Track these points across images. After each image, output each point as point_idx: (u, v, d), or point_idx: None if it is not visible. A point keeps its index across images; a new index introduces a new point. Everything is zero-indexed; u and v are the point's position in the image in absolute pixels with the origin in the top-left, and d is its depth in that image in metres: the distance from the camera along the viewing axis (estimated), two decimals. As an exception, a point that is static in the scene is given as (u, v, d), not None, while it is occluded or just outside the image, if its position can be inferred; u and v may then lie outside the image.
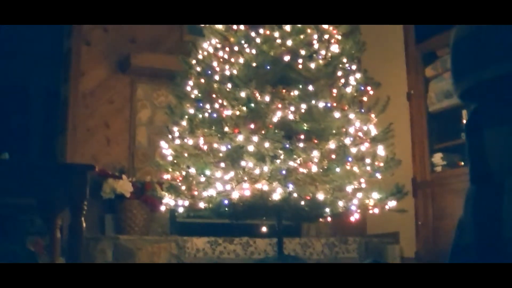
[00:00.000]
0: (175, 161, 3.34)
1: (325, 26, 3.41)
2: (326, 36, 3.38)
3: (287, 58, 3.23)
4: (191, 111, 3.34)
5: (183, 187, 3.27)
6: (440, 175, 4.40)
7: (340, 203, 3.16)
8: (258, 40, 3.26)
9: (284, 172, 3.01)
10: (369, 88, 3.38)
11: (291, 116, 3.12)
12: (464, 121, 3.63)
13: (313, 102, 3.14)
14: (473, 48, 1.11)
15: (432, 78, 4.52)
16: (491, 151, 1.08)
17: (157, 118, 4.63)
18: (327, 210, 3.21)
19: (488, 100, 1.10)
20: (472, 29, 1.12)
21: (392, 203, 3.26)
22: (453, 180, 4.13)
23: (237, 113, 3.16)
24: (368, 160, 3.26)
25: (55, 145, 4.69)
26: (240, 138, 3.06)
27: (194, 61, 3.49)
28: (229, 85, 3.20)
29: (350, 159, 3.14)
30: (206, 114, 3.27)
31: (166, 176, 3.38)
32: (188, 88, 3.43)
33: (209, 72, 3.37)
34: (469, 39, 1.12)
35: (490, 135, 1.09)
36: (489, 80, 1.07)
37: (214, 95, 3.29)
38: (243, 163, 3.05)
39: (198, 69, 3.46)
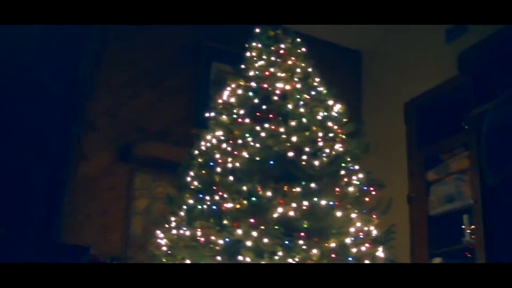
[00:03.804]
0: (169, 252, 3.27)
1: (330, 125, 3.43)
2: (331, 135, 3.40)
3: (291, 154, 3.23)
4: (191, 202, 3.30)
5: (177, 279, 3.19)
6: (440, 281, 4.31)
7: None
8: (263, 135, 3.27)
9: (282, 269, 2.94)
10: (371, 189, 3.36)
11: (292, 213, 3.08)
12: (463, 226, 3.56)
13: (316, 199, 3.12)
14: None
15: (434, 182, 4.51)
16: None
17: (154, 209, 4.58)
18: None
19: None
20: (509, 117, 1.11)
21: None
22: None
23: (238, 206, 3.12)
24: (367, 262, 3.19)
25: (52, 228, 4.62)
26: (239, 232, 3.00)
27: (196, 152, 3.49)
28: (231, 178, 3.18)
29: (350, 259, 3.08)
30: (206, 206, 3.23)
31: (160, 267, 3.30)
32: (189, 179, 3.41)
33: (212, 164, 3.36)
34: (506, 128, 1.10)
35: None
36: None
37: (215, 187, 3.26)
38: (240, 258, 2.99)
39: (200, 160, 3.45)
